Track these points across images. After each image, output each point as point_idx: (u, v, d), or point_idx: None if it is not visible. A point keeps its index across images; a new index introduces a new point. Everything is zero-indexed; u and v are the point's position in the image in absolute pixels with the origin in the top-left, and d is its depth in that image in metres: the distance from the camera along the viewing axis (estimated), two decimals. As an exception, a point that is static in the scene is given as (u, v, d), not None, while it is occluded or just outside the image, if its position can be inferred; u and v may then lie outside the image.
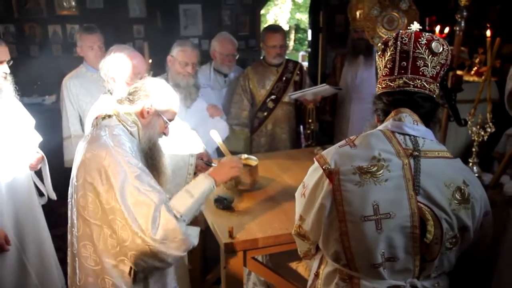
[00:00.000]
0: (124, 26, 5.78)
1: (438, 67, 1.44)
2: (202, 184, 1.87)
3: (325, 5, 6.84)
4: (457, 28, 2.76)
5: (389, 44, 1.45)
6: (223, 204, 2.27)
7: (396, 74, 1.45)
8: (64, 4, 5.63)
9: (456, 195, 1.39)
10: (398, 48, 1.43)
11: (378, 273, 1.40)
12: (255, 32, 6.70)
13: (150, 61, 3.34)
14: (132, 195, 1.62)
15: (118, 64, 2.38)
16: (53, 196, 2.67)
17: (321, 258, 1.62)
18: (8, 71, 2.33)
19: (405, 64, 1.43)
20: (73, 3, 5.63)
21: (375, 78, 3.97)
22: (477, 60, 4.32)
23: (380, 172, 1.35)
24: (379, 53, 1.51)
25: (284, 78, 3.59)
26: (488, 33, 2.45)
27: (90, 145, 1.72)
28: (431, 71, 1.43)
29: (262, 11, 8.48)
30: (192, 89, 3.08)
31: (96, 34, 3.46)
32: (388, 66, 1.46)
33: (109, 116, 1.81)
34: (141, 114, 1.83)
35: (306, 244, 1.63)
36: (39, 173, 2.60)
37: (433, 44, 1.41)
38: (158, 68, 3.35)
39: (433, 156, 1.41)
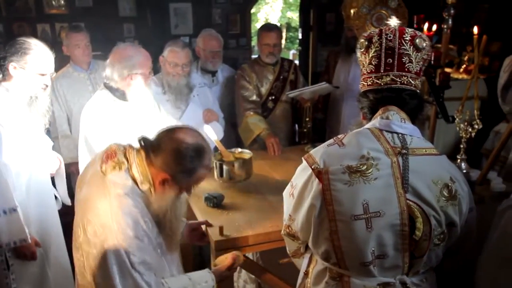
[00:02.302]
0: (114, 25, 5.74)
1: (421, 63, 1.46)
2: (204, 278, 1.72)
3: (316, 3, 6.85)
4: (445, 26, 2.78)
5: (373, 40, 1.45)
6: (213, 202, 2.27)
7: (382, 71, 1.44)
8: (53, 2, 5.57)
9: (444, 192, 1.41)
10: (383, 44, 1.43)
11: (368, 270, 1.41)
12: (246, 30, 6.69)
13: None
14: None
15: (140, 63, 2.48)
16: (68, 202, 2.63)
17: (310, 257, 1.61)
18: (49, 83, 2.33)
19: (391, 61, 1.43)
20: (62, 2, 5.57)
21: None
22: (465, 58, 4.36)
23: (369, 171, 1.35)
24: (362, 50, 1.50)
25: (281, 77, 3.58)
26: (475, 30, 2.47)
27: (94, 197, 1.53)
28: (415, 67, 1.45)
29: (253, 10, 8.48)
30: (184, 89, 3.07)
31: (82, 33, 3.47)
32: (373, 63, 1.45)
33: (120, 167, 1.56)
34: (155, 180, 1.57)
35: (296, 244, 1.62)
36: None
37: (417, 40, 1.42)
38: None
39: (420, 153, 1.42)
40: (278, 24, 13.43)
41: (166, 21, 6.08)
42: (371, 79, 1.47)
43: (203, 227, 2.06)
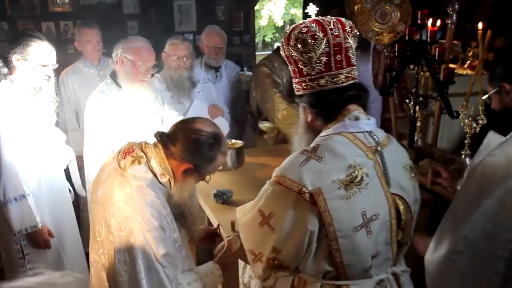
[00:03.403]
0: (118, 23, 5.74)
1: (355, 52, 1.41)
2: (216, 281, 1.73)
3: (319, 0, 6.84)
4: (449, 22, 2.79)
5: (319, 37, 1.32)
6: (223, 198, 2.27)
7: (334, 70, 1.35)
8: (58, 1, 5.59)
9: (412, 173, 1.45)
10: (331, 41, 1.32)
11: (367, 274, 1.39)
12: (250, 27, 6.69)
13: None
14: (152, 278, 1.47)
15: (133, 48, 2.51)
16: (83, 193, 2.70)
17: (295, 279, 1.46)
18: (51, 74, 2.37)
19: (340, 58, 1.35)
20: (67, 0, 5.60)
21: (371, 73, 4.00)
22: (470, 54, 4.35)
23: (361, 178, 1.29)
24: (304, 49, 1.35)
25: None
26: (480, 26, 2.47)
27: (116, 193, 1.52)
28: (354, 58, 1.40)
29: (257, 7, 8.47)
30: (186, 83, 3.09)
31: (94, 29, 3.53)
32: (322, 61, 1.34)
33: (139, 162, 1.57)
34: (176, 171, 1.58)
35: (283, 273, 1.44)
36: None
37: (355, 30, 1.38)
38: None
39: (387, 144, 1.40)
40: (282, 21, 13.43)
41: (170, 18, 6.09)
42: (324, 79, 1.36)
43: (218, 228, 2.06)
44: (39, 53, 2.29)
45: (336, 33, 1.33)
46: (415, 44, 2.72)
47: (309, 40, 1.32)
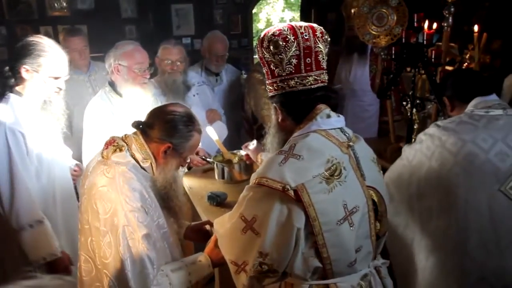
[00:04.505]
0: (116, 27, 5.76)
1: (326, 57, 1.46)
2: (203, 270, 1.72)
3: (317, 3, 6.86)
4: (445, 24, 2.80)
5: (290, 40, 1.38)
6: (217, 201, 2.28)
7: (304, 72, 1.40)
8: (56, 5, 5.60)
9: (378, 166, 1.55)
10: (302, 44, 1.38)
11: (353, 269, 1.41)
12: (248, 31, 6.71)
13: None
14: (134, 256, 1.50)
15: (125, 53, 2.47)
16: None
17: (281, 284, 1.45)
18: (63, 87, 2.20)
19: (309, 61, 1.40)
20: (64, 4, 5.60)
21: (369, 76, 4.01)
22: (467, 56, 4.35)
23: (339, 172, 1.34)
24: (275, 50, 1.39)
25: None
26: (476, 28, 2.48)
27: (99, 179, 1.58)
28: (325, 62, 1.46)
29: (254, 10, 8.49)
30: (181, 86, 3.09)
31: (79, 36, 3.44)
32: (292, 63, 1.39)
33: (120, 150, 1.64)
34: (156, 154, 1.66)
35: (269, 280, 1.42)
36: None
37: (326, 36, 1.44)
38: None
39: (356, 140, 1.48)
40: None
41: (168, 22, 6.11)
42: (293, 80, 1.41)
43: (207, 226, 2.08)
44: (51, 65, 2.11)
45: (306, 37, 1.38)
46: (412, 47, 2.74)
47: (280, 43, 1.38)
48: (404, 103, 2.92)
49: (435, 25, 2.67)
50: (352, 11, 3.51)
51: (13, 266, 2.13)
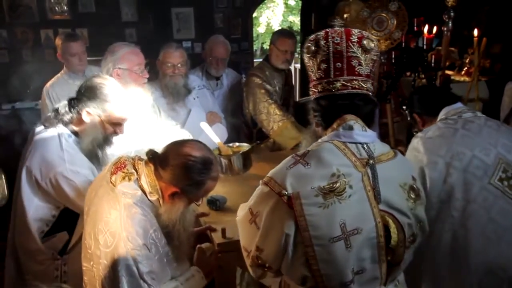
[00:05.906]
0: (116, 30, 5.77)
1: (370, 64, 1.40)
2: (198, 285, 1.75)
3: (317, 7, 6.87)
4: (445, 29, 2.81)
5: (320, 44, 1.37)
6: (216, 205, 2.27)
7: (332, 77, 1.37)
8: (56, 8, 5.62)
9: (411, 194, 1.40)
10: (331, 48, 1.36)
11: None
12: (248, 35, 6.72)
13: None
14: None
15: (123, 56, 2.47)
16: None
17: (282, 281, 1.47)
18: (122, 132, 2.09)
19: (340, 65, 1.36)
20: (65, 8, 5.62)
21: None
22: (467, 60, 4.37)
23: (343, 189, 1.28)
24: (309, 55, 1.41)
25: (288, 82, 3.60)
26: (475, 32, 2.49)
27: (105, 209, 1.55)
28: (365, 69, 1.39)
29: (255, 14, 8.51)
30: (182, 90, 3.10)
31: (79, 41, 3.44)
32: (322, 67, 1.38)
33: (129, 178, 1.59)
34: (164, 192, 1.60)
35: (267, 273, 1.46)
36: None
37: (365, 42, 1.37)
38: (151, 72, 3.36)
39: (385, 159, 1.38)
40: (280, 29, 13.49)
41: (168, 25, 6.12)
42: (321, 85, 1.40)
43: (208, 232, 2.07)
44: (116, 111, 2.00)
45: (337, 41, 1.36)
46: (412, 51, 2.74)
47: (313, 48, 1.39)
48: (404, 107, 2.92)
49: (435, 30, 2.69)
50: (345, 16, 3.52)
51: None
